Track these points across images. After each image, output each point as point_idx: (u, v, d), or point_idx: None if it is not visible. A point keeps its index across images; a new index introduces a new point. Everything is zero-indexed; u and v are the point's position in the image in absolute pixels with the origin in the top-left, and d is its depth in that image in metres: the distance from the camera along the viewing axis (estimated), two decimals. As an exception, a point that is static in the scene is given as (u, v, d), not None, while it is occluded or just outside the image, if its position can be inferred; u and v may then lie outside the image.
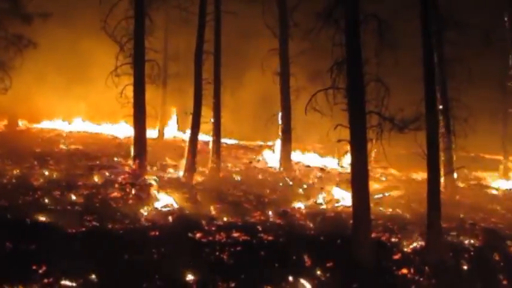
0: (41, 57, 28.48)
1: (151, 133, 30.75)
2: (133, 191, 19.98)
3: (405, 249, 16.93)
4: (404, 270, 15.93)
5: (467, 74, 24.92)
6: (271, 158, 28.90)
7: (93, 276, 13.50)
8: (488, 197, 25.74)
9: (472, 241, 18.20)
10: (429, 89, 17.09)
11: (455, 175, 24.84)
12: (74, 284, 13.18)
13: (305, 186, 24.06)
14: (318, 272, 15.23)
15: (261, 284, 14.55)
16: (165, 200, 19.46)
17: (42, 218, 16.29)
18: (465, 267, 16.70)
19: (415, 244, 17.18)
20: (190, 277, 14.31)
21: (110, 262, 14.10)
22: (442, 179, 21.16)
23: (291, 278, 14.88)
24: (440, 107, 23.05)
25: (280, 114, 26.65)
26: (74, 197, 19.01)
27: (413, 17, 18.03)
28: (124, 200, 19.25)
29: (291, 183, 24.36)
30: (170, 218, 17.96)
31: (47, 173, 22.04)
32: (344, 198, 21.06)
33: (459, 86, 24.70)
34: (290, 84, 26.74)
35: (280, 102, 26.61)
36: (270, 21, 26.92)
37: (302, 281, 14.85)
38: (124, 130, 32.90)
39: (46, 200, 18.42)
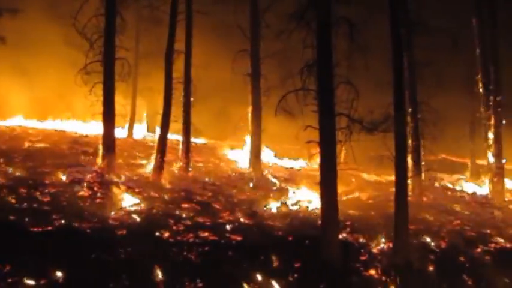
0: (9, 53, 28.12)
1: (120, 132, 30.55)
2: (101, 190, 19.78)
3: (372, 250, 17.09)
4: (372, 271, 16.08)
5: (436, 77, 25.21)
6: (241, 158, 28.90)
7: (59, 275, 13.36)
8: (455, 200, 26.06)
9: (438, 243, 18.44)
10: (398, 92, 17.26)
11: (423, 177, 25.09)
12: (38, 283, 13.02)
13: (274, 187, 24.10)
14: (286, 272, 15.28)
15: (228, 284, 14.57)
16: (133, 200, 19.33)
17: (7, 217, 16.01)
18: (431, 269, 16.91)
19: (382, 245, 17.35)
20: (157, 277, 14.25)
21: (76, 261, 13.97)
22: (409, 181, 21.35)
23: (259, 278, 14.93)
24: (409, 110, 23.25)
25: (250, 114, 26.62)
26: (40, 196, 18.73)
27: (384, 21, 18.16)
28: (91, 199, 19.03)
29: (260, 183, 24.37)
30: (138, 218, 17.83)
31: (12, 170, 21.68)
32: (313, 199, 21.15)
33: (428, 90, 24.93)
34: (261, 85, 26.75)
35: (251, 102, 26.61)
36: (242, 22, 26.90)
37: (270, 281, 14.89)
38: (93, 128, 32.58)
39: (11, 199, 18.11)
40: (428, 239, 18.54)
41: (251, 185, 24.03)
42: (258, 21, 26.71)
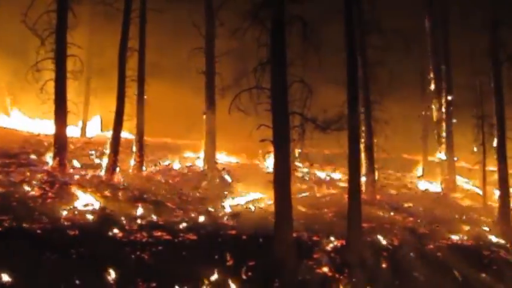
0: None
1: (73, 131, 30.05)
2: (52, 190, 19.43)
3: (326, 248, 17.21)
4: (325, 269, 16.22)
5: (389, 77, 25.51)
6: (196, 156, 28.73)
7: (5, 279, 13.08)
8: (408, 197, 26.42)
9: (391, 240, 18.68)
10: (351, 91, 17.47)
11: (376, 175, 25.38)
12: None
13: (229, 185, 24.04)
14: (241, 271, 15.30)
15: (182, 283, 14.51)
16: (85, 199, 19.04)
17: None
18: (384, 266, 17.12)
19: (335, 243, 17.48)
20: (110, 277, 14.09)
21: (26, 263, 13.70)
22: (363, 179, 21.61)
23: (213, 277, 14.89)
24: (363, 109, 23.48)
25: (205, 113, 26.48)
26: (-12, 196, 18.31)
27: (338, 20, 18.32)
28: (43, 198, 18.65)
29: (215, 182, 24.28)
30: (91, 217, 17.61)
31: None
32: (267, 197, 21.16)
33: (381, 89, 25.23)
34: (215, 84, 26.63)
35: (205, 101, 26.46)
36: (197, 20, 26.72)
37: (225, 279, 14.88)
38: (44, 127, 31.98)
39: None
40: (381, 236, 18.76)
41: (205, 183, 23.94)
42: (213, 19, 26.55)
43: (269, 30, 16.32)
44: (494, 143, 23.97)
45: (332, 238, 17.75)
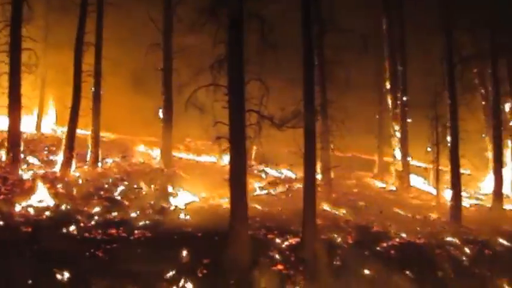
0: None
1: (27, 126, 29.50)
2: (5, 187, 19.11)
3: (281, 246, 17.28)
4: (280, 266, 16.27)
5: (345, 76, 25.74)
6: (152, 153, 28.54)
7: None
8: (362, 196, 26.73)
9: (345, 238, 18.85)
10: (308, 89, 17.57)
11: (331, 174, 25.60)
12: None
13: (185, 182, 23.90)
14: (196, 269, 15.28)
15: (137, 281, 14.40)
16: (39, 196, 18.75)
17: None
18: (338, 263, 17.27)
19: (290, 241, 17.57)
20: (63, 275, 13.92)
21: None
22: (318, 178, 21.77)
23: (169, 275, 14.84)
24: (319, 107, 23.65)
25: (161, 109, 26.30)
26: None
27: (296, 18, 18.39)
28: (-5, 195, 18.38)
29: (171, 179, 24.10)
30: (44, 214, 17.35)
31: None
32: (223, 194, 21.13)
33: (338, 88, 25.44)
34: (173, 80, 26.45)
35: (162, 97, 26.29)
36: (155, 15, 26.51)
37: (180, 277, 14.84)
38: (-3, 122, 31.39)
39: None
40: (335, 234, 18.91)
41: (161, 180, 23.75)
42: (171, 15, 26.40)
43: (226, 27, 16.30)
44: (448, 143, 24.43)
45: (287, 236, 17.83)
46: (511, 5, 27.98)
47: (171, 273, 14.94)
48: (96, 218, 17.74)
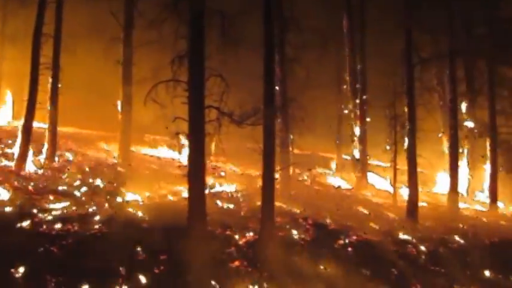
0: None
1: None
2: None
3: (239, 242, 17.29)
4: (237, 263, 16.27)
5: (306, 75, 25.86)
6: (111, 148, 28.24)
7: None
8: (321, 193, 26.91)
9: (303, 235, 18.95)
10: (268, 87, 17.61)
11: (290, 171, 25.69)
12: None
13: (144, 177, 23.72)
14: (153, 265, 15.16)
15: (92, 278, 14.22)
16: (-7, 190, 18.42)
17: None
18: (295, 260, 17.34)
19: (249, 237, 17.59)
20: (18, 271, 13.69)
21: None
22: (277, 175, 21.80)
23: (125, 272, 14.69)
24: (279, 105, 23.70)
25: (121, 104, 26.01)
26: None
27: (258, 16, 18.39)
28: None
29: (129, 174, 23.89)
30: (-2, 209, 17.03)
31: None
32: (181, 190, 21.05)
33: (298, 86, 25.54)
34: (133, 75, 26.17)
35: (122, 92, 25.99)
36: (115, 8, 26.18)
37: (136, 274, 14.71)
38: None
39: None
40: (293, 231, 19.00)
41: (119, 175, 23.54)
42: (132, 9, 26.13)
43: (188, 23, 16.21)
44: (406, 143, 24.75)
45: (245, 233, 17.85)
46: (468, 8, 28.53)
47: (127, 270, 14.75)
48: (52, 213, 17.42)
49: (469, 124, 32.69)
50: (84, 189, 20.65)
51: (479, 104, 32.94)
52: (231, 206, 21.24)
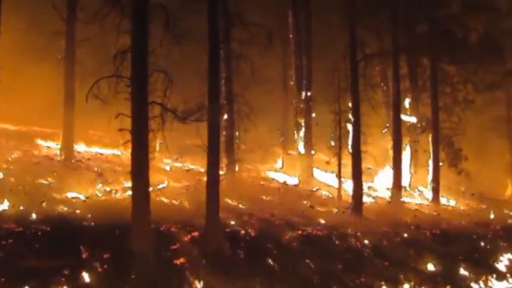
0: None
1: None
2: None
3: (184, 239, 17.20)
4: (182, 260, 16.19)
5: (251, 71, 25.89)
6: (53, 145, 27.64)
7: None
8: (266, 189, 27.02)
9: (248, 231, 18.99)
10: (213, 83, 17.59)
11: (236, 167, 25.71)
12: None
13: (86, 175, 23.30)
14: (96, 264, 14.95)
15: (33, 278, 13.92)
16: None
17: None
18: (241, 255, 17.39)
19: (194, 234, 17.51)
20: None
21: None
22: (222, 171, 21.80)
23: (67, 271, 14.42)
24: (225, 101, 23.68)
25: (63, 100, 25.44)
26: None
27: (202, 11, 18.31)
28: None
29: (71, 171, 23.44)
30: None
31: None
32: (125, 187, 20.82)
33: (243, 82, 25.56)
34: (75, 70, 25.64)
35: (64, 87, 25.42)
36: (57, 2, 25.58)
37: (79, 273, 14.48)
38: None
39: None
40: (239, 227, 19.03)
41: (62, 173, 23.06)
42: (74, 3, 25.59)
43: (131, 17, 15.98)
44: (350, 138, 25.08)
45: (191, 229, 17.76)
46: (410, 6, 29.07)
47: (69, 269, 14.49)
48: (-11, 212, 16.99)
49: (412, 120, 33.36)
50: (25, 187, 20.09)
51: (422, 100, 33.67)
52: (176, 202, 21.11)
